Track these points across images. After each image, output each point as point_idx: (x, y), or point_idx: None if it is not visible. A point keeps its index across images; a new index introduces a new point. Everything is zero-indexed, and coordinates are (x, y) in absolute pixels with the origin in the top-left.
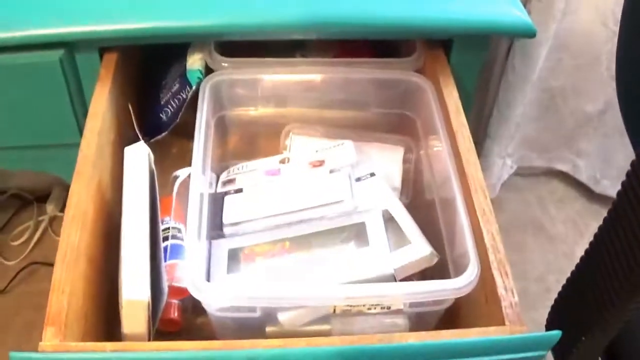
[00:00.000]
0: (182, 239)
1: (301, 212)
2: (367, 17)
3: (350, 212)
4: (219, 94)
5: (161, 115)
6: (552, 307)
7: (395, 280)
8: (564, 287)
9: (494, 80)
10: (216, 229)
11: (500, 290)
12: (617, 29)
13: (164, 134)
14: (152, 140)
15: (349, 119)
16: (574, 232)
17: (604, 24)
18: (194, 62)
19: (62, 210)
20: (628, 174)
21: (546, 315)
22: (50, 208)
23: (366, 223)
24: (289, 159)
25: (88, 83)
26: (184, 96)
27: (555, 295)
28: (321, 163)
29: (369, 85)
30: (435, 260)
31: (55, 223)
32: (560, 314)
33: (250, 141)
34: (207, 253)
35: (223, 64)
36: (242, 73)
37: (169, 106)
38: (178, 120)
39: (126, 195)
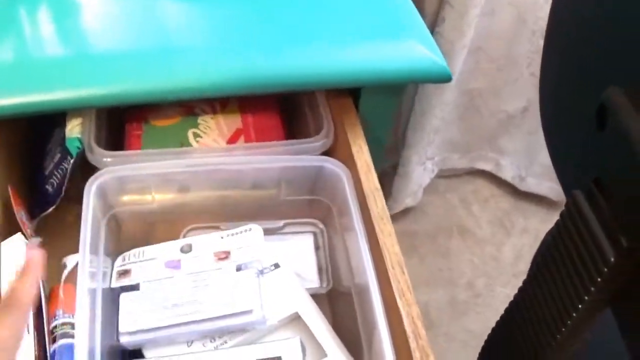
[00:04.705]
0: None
1: (205, 323)
2: (263, 70)
3: (258, 322)
4: (106, 192)
5: (47, 187)
6: (481, 353)
7: None
8: (492, 332)
9: (410, 88)
10: (113, 334)
11: None
12: (536, 27)
13: (51, 209)
14: (41, 215)
15: (255, 204)
16: (500, 232)
17: (523, 22)
18: (73, 127)
19: None
20: (562, 216)
21: (477, 323)
22: None
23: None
24: (191, 245)
25: None
26: (66, 167)
27: (485, 300)
28: (227, 255)
29: (278, 171)
30: None
31: None
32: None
33: (147, 235)
34: None
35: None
36: (131, 168)
37: (54, 177)
38: (63, 194)
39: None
